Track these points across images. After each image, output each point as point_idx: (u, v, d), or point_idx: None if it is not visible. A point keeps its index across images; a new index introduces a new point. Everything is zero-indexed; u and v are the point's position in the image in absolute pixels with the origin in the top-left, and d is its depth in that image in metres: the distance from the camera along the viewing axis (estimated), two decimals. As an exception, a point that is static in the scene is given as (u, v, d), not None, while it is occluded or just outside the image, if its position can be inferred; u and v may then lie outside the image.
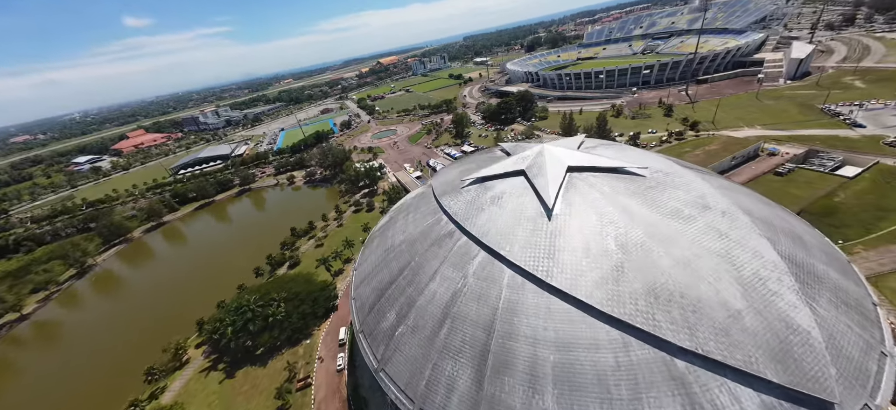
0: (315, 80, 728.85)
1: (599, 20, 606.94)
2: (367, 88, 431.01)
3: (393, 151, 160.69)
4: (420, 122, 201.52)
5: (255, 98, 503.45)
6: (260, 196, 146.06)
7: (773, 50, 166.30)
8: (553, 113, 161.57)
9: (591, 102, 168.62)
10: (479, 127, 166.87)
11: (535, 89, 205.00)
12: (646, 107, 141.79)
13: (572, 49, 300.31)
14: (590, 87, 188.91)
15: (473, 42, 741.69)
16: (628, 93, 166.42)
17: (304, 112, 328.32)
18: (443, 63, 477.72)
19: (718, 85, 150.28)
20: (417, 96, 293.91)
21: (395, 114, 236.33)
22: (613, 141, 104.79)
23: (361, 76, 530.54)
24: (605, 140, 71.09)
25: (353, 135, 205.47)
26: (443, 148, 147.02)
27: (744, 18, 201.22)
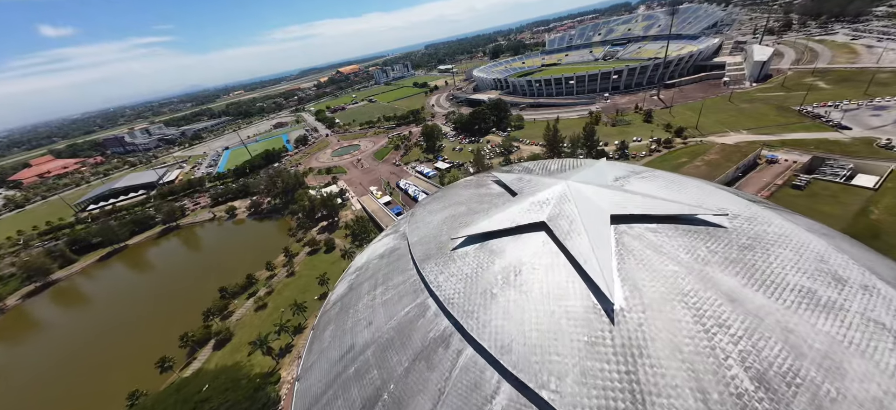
0: (269, 91, 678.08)
1: (554, 29, 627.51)
2: (327, 98, 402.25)
3: (356, 170, 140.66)
4: (386, 135, 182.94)
5: (198, 112, 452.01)
6: (191, 235, 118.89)
7: (729, 54, 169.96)
8: (529, 121, 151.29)
9: (564, 108, 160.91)
10: (452, 139, 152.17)
11: (505, 97, 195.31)
12: (623, 113, 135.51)
13: (536, 55, 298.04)
14: (561, 93, 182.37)
15: (436, 50, 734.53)
16: (601, 98, 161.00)
17: (254, 127, 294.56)
18: (406, 71, 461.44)
19: (686, 89, 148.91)
20: (381, 107, 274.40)
21: (357, 127, 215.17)
22: (620, 158, 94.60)
23: (320, 86, 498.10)
24: (632, 165, 58.17)
25: (311, 153, 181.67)
26: (414, 165, 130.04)
27: (696, 24, 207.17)
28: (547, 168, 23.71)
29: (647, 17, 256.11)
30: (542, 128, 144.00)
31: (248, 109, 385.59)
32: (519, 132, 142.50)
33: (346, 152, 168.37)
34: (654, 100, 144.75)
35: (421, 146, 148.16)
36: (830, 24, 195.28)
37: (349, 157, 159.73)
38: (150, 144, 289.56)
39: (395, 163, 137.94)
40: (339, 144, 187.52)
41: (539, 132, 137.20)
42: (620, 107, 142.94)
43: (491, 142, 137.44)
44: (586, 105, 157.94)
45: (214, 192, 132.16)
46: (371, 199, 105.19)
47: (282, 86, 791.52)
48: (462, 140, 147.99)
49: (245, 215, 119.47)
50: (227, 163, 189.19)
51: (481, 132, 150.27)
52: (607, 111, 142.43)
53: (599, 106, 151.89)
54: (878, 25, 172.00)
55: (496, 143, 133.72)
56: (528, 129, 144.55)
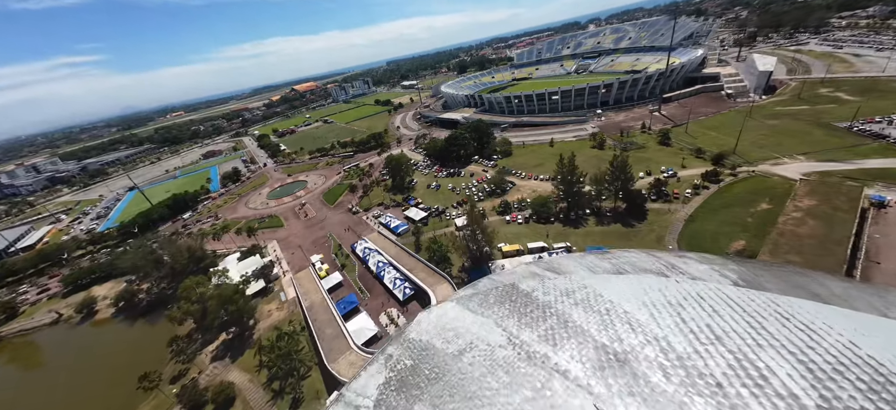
0: (214, 111, 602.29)
1: (514, 46, 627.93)
2: (277, 119, 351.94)
3: (297, 222, 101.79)
4: (341, 166, 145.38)
5: (118, 140, 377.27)
6: (17, 353, 72.54)
7: (717, 65, 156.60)
8: (516, 145, 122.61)
9: (555, 129, 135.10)
10: (425, 172, 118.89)
11: (479, 115, 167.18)
12: (629, 133, 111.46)
13: (505, 70, 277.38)
14: (544, 110, 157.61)
15: (398, 66, 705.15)
16: (593, 115, 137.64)
17: (179, 158, 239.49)
18: (367, 88, 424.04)
19: (687, 103, 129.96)
20: (338, 129, 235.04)
21: (306, 155, 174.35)
22: (658, 199, 66.89)
23: (270, 106, 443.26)
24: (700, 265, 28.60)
25: (242, 193, 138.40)
26: (376, 212, 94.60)
27: (675, 35, 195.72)
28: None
29: (616, 30, 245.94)
30: (534, 153, 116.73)
31: (179, 135, 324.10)
32: (508, 160, 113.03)
33: (289, 192, 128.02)
34: (656, 116, 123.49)
35: (386, 184, 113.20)
36: (794, 35, 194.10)
37: (290, 199, 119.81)
38: (35, 185, 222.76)
39: (350, 209, 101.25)
40: (280, 180, 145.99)
41: (533, 159, 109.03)
42: (623, 126, 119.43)
43: (475, 176, 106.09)
44: (578, 123, 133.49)
45: (67, 275, 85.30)
46: (312, 277, 67.81)
47: (230, 105, 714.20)
48: (437, 172, 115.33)
49: (110, 312, 75.42)
50: (121, 213, 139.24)
51: (461, 161, 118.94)
52: (607, 131, 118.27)
53: (595, 125, 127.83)
54: (847, 35, 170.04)
55: (483, 177, 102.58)
56: (518, 155, 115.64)
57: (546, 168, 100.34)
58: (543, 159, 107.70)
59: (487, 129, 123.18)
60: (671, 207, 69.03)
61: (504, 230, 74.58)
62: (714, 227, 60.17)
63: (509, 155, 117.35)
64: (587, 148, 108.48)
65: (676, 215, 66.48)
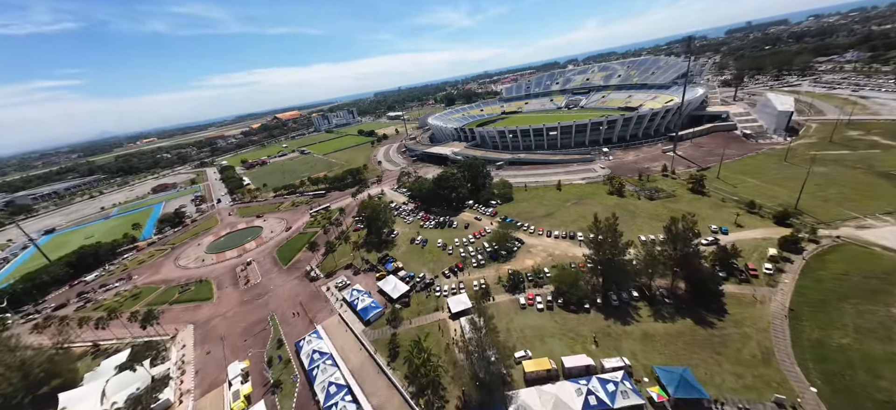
0: (188, 138, 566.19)
1: (498, 81, 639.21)
2: (252, 148, 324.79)
3: (234, 291, 74.75)
4: (309, 207, 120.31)
5: (69, 169, 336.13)
6: None
7: (721, 104, 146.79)
8: (517, 187, 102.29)
9: (556, 167, 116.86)
10: (408, 219, 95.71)
11: (472, 150, 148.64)
12: (649, 177, 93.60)
13: (494, 103, 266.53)
14: (542, 146, 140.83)
15: (385, 98, 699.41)
16: (599, 154, 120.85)
17: (124, 192, 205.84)
18: (351, 118, 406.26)
19: (704, 143, 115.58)
20: (314, 161, 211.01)
21: (271, 193, 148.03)
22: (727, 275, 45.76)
23: (248, 134, 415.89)
24: None
25: (179, 241, 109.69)
26: (341, 280, 69.50)
27: (665, 74, 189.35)
28: None
29: (604, 68, 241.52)
30: (540, 198, 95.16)
31: (138, 164, 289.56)
32: (509, 207, 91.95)
33: (236, 242, 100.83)
34: (672, 156, 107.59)
35: (359, 235, 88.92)
36: (781, 77, 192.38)
37: (235, 254, 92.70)
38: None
39: (308, 273, 75.63)
40: (231, 224, 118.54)
41: (541, 208, 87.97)
42: (637, 167, 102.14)
43: (471, 227, 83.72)
44: (585, 163, 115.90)
45: None
46: (222, 412, 41.23)
47: (208, 132, 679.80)
48: (424, 221, 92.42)
49: None
50: (18, 267, 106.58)
51: (452, 206, 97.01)
52: (619, 172, 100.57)
53: (604, 164, 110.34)
54: (837, 78, 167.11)
55: (481, 230, 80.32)
56: (521, 200, 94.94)
57: (560, 220, 79.56)
58: (553, 207, 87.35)
59: (483, 168, 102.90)
60: (755, 291, 48.34)
61: (519, 321, 51.45)
62: (845, 337, 39.33)
63: (510, 200, 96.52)
64: (602, 194, 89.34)
65: (768, 306, 45.64)
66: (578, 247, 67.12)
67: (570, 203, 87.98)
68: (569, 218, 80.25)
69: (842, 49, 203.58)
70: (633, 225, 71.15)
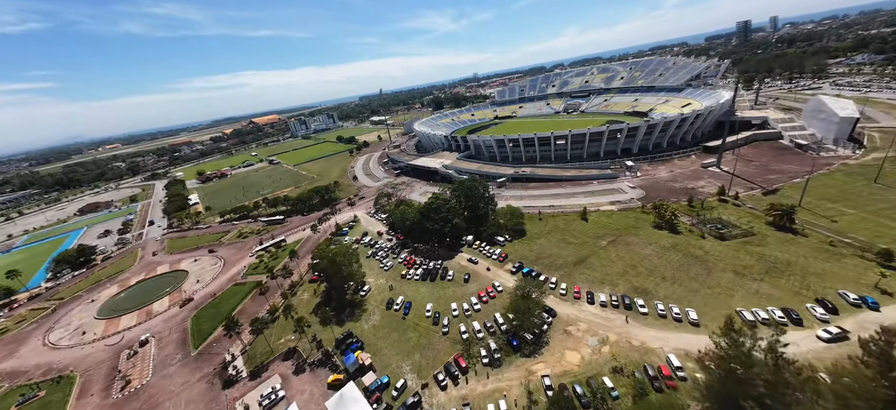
0: (156, 144, 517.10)
1: (487, 85, 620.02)
2: (218, 156, 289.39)
3: (102, 401, 46.16)
4: (260, 238, 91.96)
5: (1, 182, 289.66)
6: None
7: (752, 108, 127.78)
8: (529, 215, 77.47)
9: (572, 186, 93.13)
10: (386, 263, 69.21)
11: (464, 163, 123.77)
12: (704, 203, 70.78)
13: (486, 107, 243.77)
14: (548, 158, 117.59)
15: (370, 101, 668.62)
16: (622, 168, 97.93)
17: (45, 214, 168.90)
18: (331, 123, 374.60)
19: (747, 155, 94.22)
20: (282, 173, 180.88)
21: (216, 217, 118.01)
22: None
23: (218, 140, 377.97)
24: None
25: (74, 290, 79.04)
26: (272, 388, 42.28)
27: (676, 76, 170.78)
28: None
29: (604, 70, 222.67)
30: (563, 234, 68.31)
31: (82, 176, 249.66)
32: (522, 245, 67.18)
33: (146, 297, 71.46)
34: (715, 172, 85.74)
35: (316, 287, 61.86)
36: (796, 80, 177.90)
37: (134, 320, 63.61)
38: None
39: (226, 368, 48.02)
40: (150, 264, 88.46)
41: (566, 248, 61.90)
42: (680, 188, 79.51)
43: (475, 282, 58.12)
44: (607, 180, 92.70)
45: None
46: None
47: (179, 137, 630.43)
48: (408, 265, 66.38)
49: None
50: None
51: (446, 243, 71.41)
52: (655, 194, 77.85)
53: (633, 183, 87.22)
54: (858, 80, 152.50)
55: (487, 287, 54.88)
56: (537, 235, 70.16)
57: (600, 271, 55.27)
58: (583, 246, 63.13)
59: (483, 191, 77.52)
60: None
61: None
62: None
63: (523, 235, 71.64)
64: (646, 227, 65.84)
65: None
66: (644, 326, 42.85)
67: (605, 241, 63.95)
68: (612, 268, 56.09)
69: (841, 52, 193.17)
70: (714, 287, 47.69)
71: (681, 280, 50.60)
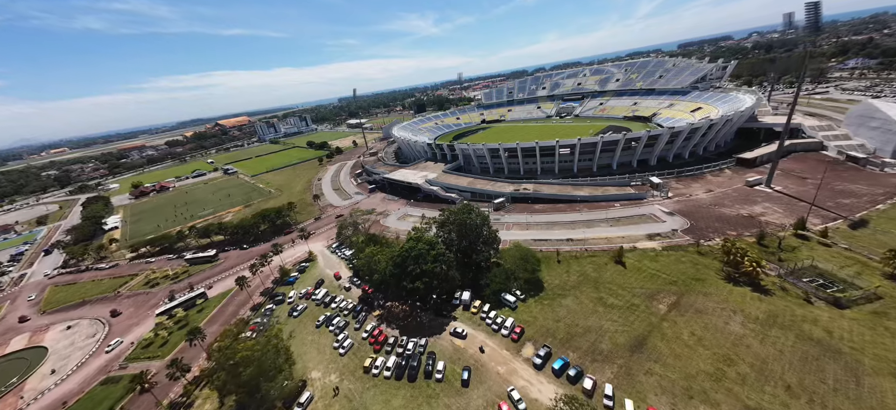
0: (107, 148, 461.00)
1: (470, 88, 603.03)
2: (170, 163, 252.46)
3: None
4: (168, 292, 65.56)
5: None
6: None
7: (774, 113, 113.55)
8: (543, 255, 56.18)
9: (589, 210, 73.15)
10: (343, 342, 45.49)
11: (451, 177, 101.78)
12: (780, 241, 52.05)
13: (472, 110, 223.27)
14: (551, 170, 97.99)
15: (349, 104, 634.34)
16: (646, 184, 79.06)
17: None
18: (304, 126, 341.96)
19: (793, 169, 77.44)
20: (235, 186, 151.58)
21: (126, 253, 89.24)
22: None
23: (174, 145, 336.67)
24: None
25: None
26: None
27: (679, 78, 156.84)
28: None
29: (598, 72, 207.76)
30: (588, 281, 50.15)
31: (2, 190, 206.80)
32: (540, 307, 45.85)
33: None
34: (765, 191, 68.29)
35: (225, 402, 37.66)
36: (794, 83, 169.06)
37: None
38: None
39: None
40: (11, 330, 60.21)
41: (602, 314, 39.39)
42: (728, 215, 61.05)
43: (479, 389, 35.90)
44: (632, 202, 73.40)
45: None
46: None
47: (136, 141, 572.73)
48: (376, 345, 43.17)
49: None
50: None
51: (430, 304, 48.92)
52: (701, 222, 59.19)
53: (667, 207, 68.16)
54: (862, 84, 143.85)
55: (503, 401, 33.16)
56: (558, 290, 49.02)
57: (674, 367, 33.96)
58: (640, 322, 42.30)
59: (483, 225, 55.45)
60: None
61: None
62: None
63: (540, 289, 50.23)
64: (716, 281, 46.29)
65: None
66: None
67: (663, 304, 43.69)
68: (692, 362, 35.56)
69: (825, 58, 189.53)
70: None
71: (820, 396, 30.64)
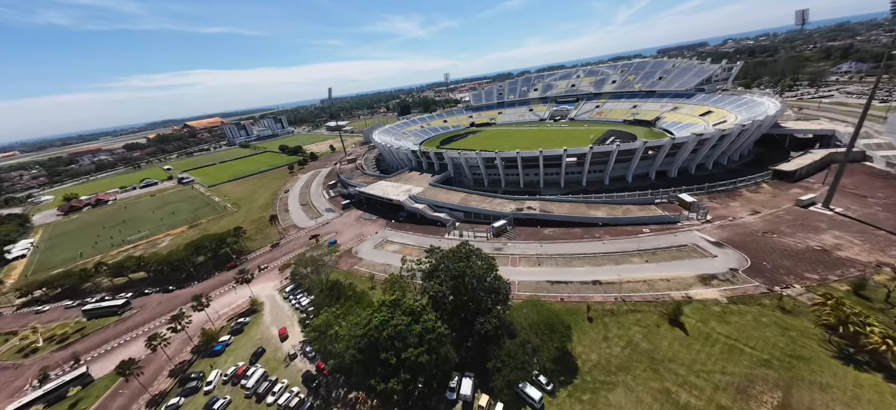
0: (67, 150, 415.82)
1: (456, 90, 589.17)
2: (123, 169, 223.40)
3: None
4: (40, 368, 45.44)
5: None
6: None
7: (795, 120, 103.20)
8: (565, 307, 40.38)
9: (612, 238, 58.41)
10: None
11: (440, 192, 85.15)
12: (888, 292, 38.30)
13: (460, 113, 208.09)
14: (556, 183, 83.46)
15: (330, 105, 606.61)
16: (674, 206, 65.14)
17: None
18: (279, 128, 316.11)
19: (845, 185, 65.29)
20: (186, 199, 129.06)
21: (14, 300, 67.35)
22: None
23: (132, 148, 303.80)
24: None
25: None
26: None
27: (682, 79, 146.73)
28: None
29: (592, 73, 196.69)
30: (637, 357, 33.38)
31: None
32: (569, 398, 29.89)
33: None
34: (826, 215, 55.48)
35: None
36: (794, 86, 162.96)
37: None
38: None
39: None
40: None
41: (654, 397, 26.81)
42: (786, 245, 47.47)
43: None
44: (662, 226, 58.99)
45: None
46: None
47: (96, 143, 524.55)
48: None
49: None
50: None
51: (419, 395, 32.18)
52: (768, 257, 45.40)
53: (711, 234, 54.06)
54: (864, 88, 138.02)
55: None
56: (600, 373, 33.20)
57: None
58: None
59: (487, 276, 39.15)
60: None
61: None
62: None
63: (573, 373, 34.24)
64: (825, 359, 31.74)
65: None
66: None
67: (765, 407, 28.54)
68: None
69: (811, 63, 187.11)
70: None
71: None
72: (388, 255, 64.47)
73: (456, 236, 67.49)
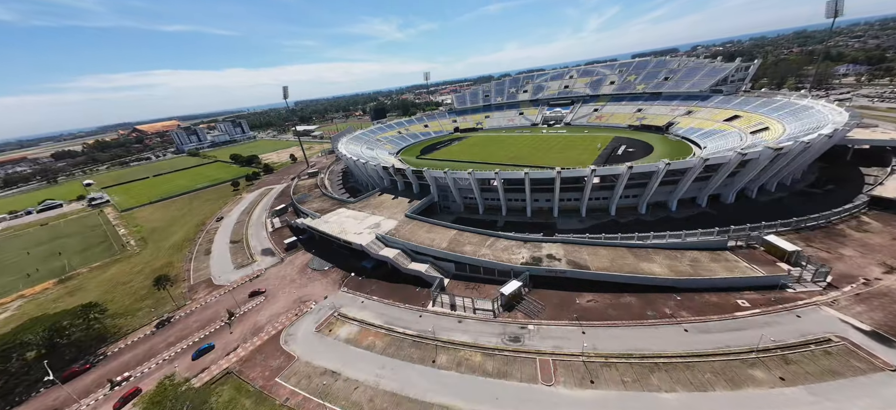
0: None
1: (437, 92, 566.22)
2: (36, 184, 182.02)
3: None
4: None
5: None
6: None
7: (871, 130, 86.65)
8: None
9: (692, 313, 36.28)
10: None
11: (420, 229, 60.57)
12: None
13: (442, 117, 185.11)
14: (575, 210, 61.13)
15: (303, 108, 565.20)
16: (753, 252, 44.50)
17: None
18: (238, 133, 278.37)
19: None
20: (85, 230, 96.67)
21: None
22: None
23: (62, 157, 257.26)
24: None
25: None
26: None
27: (692, 79, 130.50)
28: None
29: (587, 73, 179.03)
30: None
31: None
32: None
33: None
34: None
35: None
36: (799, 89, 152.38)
37: None
38: None
39: None
40: None
41: None
42: None
43: None
44: (758, 287, 37.63)
45: None
46: None
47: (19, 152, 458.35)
48: None
49: None
50: None
51: None
52: None
53: (837, 308, 33.26)
54: (873, 92, 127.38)
55: None
56: None
57: None
58: None
59: None
60: None
61: None
62: None
63: None
64: None
65: None
66: None
67: None
68: None
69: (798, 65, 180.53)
70: None
71: None
72: (338, 349, 39.32)
73: (446, 307, 43.28)
